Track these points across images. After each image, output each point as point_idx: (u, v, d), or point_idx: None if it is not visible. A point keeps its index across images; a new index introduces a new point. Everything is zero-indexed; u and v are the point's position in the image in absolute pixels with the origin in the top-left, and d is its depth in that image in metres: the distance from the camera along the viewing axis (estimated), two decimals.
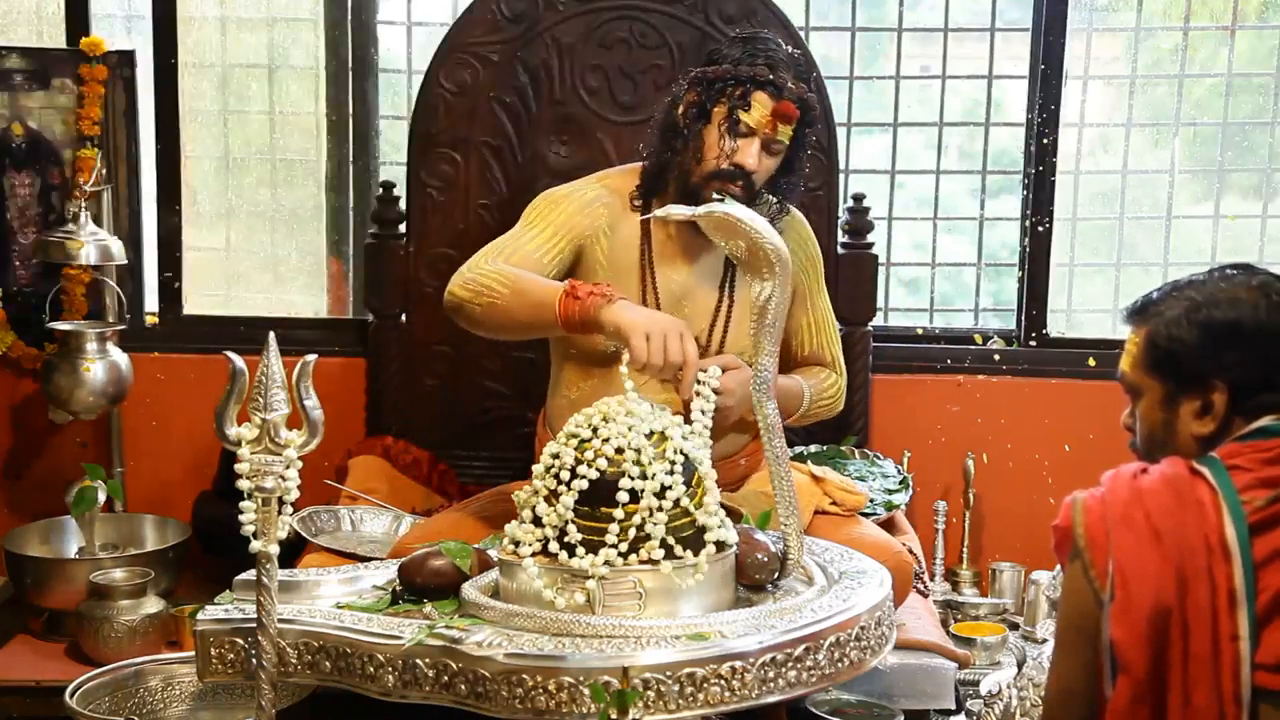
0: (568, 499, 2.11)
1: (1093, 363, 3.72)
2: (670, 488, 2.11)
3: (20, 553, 3.31)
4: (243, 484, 2.05)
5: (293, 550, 2.95)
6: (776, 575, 2.27)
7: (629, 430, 2.13)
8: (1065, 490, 2.03)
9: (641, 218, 2.85)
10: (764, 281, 2.26)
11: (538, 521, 2.14)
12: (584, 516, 2.11)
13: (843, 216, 3.56)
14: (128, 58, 3.65)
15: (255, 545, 2.05)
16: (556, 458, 2.15)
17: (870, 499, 3.16)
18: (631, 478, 2.09)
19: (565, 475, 2.12)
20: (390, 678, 2.06)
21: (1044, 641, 3.25)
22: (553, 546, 2.12)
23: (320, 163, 3.87)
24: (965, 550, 3.66)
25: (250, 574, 2.17)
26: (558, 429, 2.32)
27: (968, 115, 3.86)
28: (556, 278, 2.74)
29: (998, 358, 3.77)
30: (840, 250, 3.53)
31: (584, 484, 2.10)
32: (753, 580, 2.25)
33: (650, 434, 2.14)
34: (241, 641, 2.17)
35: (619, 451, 2.11)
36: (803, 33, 3.64)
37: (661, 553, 2.09)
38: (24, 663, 3.13)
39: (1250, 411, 1.95)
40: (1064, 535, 1.95)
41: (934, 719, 2.80)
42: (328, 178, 3.87)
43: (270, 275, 3.90)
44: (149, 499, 3.68)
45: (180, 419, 3.71)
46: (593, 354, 2.80)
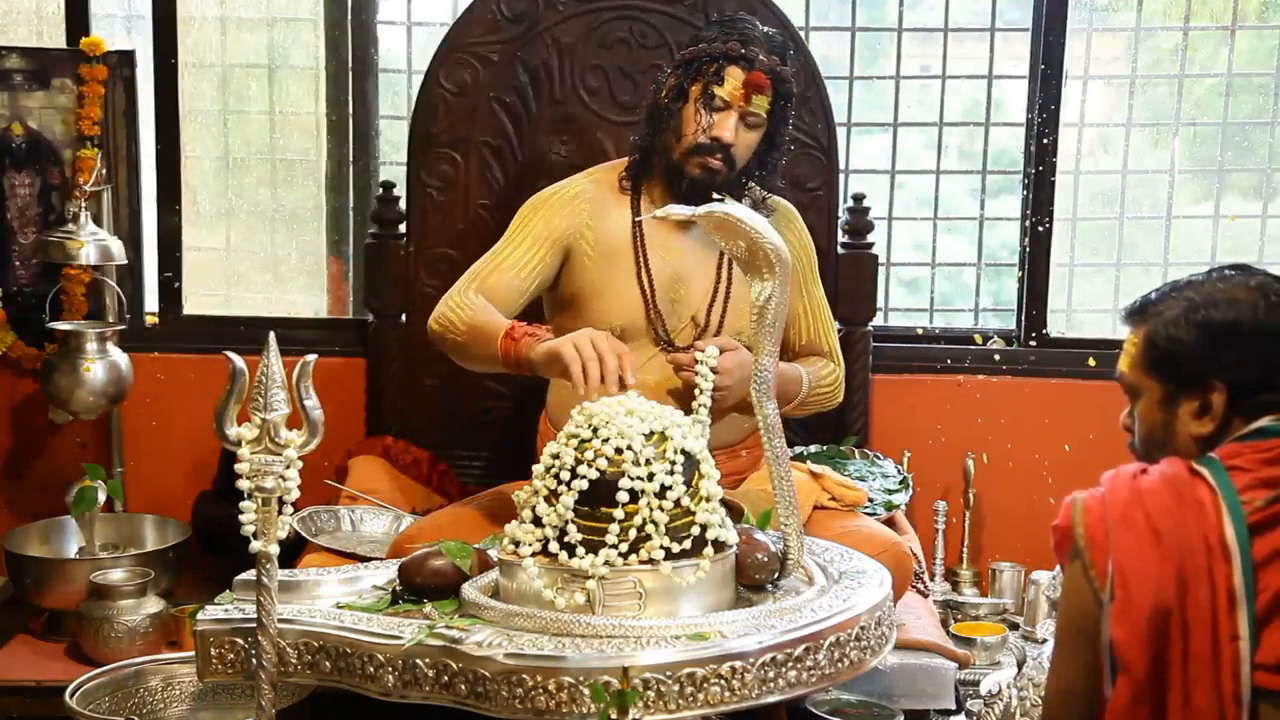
0: (568, 499, 2.10)
1: (1093, 363, 3.72)
2: (670, 487, 2.11)
3: (20, 553, 3.31)
4: (243, 484, 2.05)
5: (293, 550, 2.96)
6: (776, 575, 2.27)
7: (629, 430, 2.13)
8: (1065, 490, 2.03)
9: (636, 219, 2.85)
10: (764, 281, 2.25)
11: (538, 521, 2.14)
12: (584, 516, 2.11)
13: (843, 216, 3.55)
14: (128, 58, 3.65)
15: (255, 545, 2.05)
16: (556, 458, 2.15)
17: (870, 499, 3.17)
18: (631, 478, 2.09)
19: (565, 475, 2.12)
20: (390, 678, 2.06)
21: (1044, 641, 3.25)
22: (553, 546, 2.11)
23: (320, 163, 3.87)
24: (965, 550, 3.66)
25: (250, 574, 2.17)
26: (560, 422, 2.33)
27: (968, 115, 3.86)
28: (538, 289, 2.85)
29: (998, 358, 3.77)
30: (840, 250, 3.52)
31: (584, 484, 2.10)
32: (753, 580, 2.25)
33: (650, 434, 2.14)
34: (241, 641, 2.17)
35: (619, 451, 2.10)
36: (803, 33, 3.64)
37: (661, 553, 2.09)
38: (24, 663, 3.13)
39: (1249, 412, 1.95)
40: (1064, 535, 1.95)
41: (934, 719, 2.80)
42: (328, 178, 3.87)
43: (270, 275, 3.90)
44: (149, 499, 3.68)
45: (180, 419, 3.71)
46: None
